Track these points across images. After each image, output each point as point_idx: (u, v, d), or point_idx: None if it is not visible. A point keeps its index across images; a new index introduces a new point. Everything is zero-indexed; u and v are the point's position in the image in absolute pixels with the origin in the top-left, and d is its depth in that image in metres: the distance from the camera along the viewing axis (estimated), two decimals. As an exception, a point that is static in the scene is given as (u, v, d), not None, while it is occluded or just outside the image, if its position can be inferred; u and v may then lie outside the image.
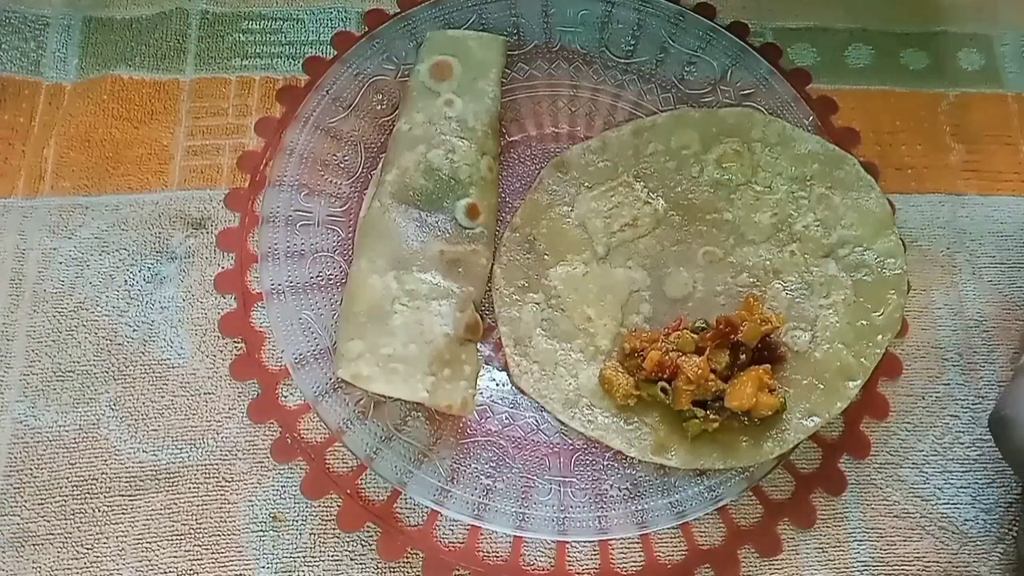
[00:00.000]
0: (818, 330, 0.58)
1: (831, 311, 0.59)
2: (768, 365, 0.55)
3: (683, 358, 0.54)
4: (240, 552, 0.54)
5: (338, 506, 0.55)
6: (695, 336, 0.55)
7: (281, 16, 0.69)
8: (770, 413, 0.54)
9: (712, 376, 0.54)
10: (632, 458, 0.56)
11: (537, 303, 0.60)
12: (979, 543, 0.56)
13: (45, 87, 0.66)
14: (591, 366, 0.58)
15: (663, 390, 0.55)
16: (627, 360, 0.56)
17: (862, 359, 0.57)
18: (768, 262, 0.60)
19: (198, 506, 0.55)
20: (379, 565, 0.54)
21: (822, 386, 0.56)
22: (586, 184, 0.62)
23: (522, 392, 0.57)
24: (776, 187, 0.62)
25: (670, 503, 0.55)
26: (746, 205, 0.62)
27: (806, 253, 0.60)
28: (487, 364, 0.58)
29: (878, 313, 0.58)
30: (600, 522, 0.54)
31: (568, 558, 0.54)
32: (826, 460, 0.57)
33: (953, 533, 0.56)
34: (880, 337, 0.58)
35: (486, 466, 0.55)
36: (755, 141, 0.63)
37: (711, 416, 0.54)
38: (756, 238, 0.61)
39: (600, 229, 0.61)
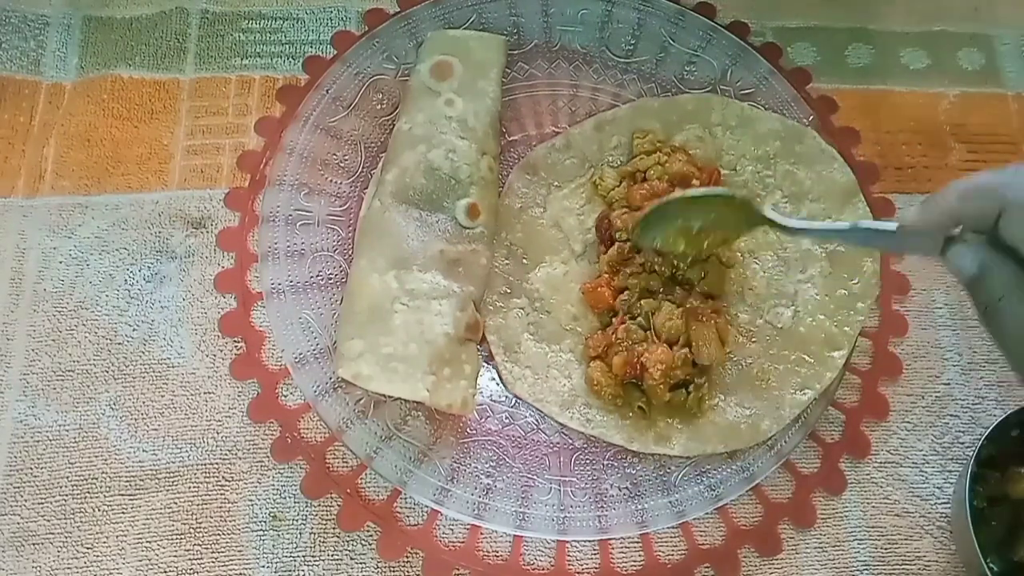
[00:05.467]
0: (799, 304, 0.59)
1: (809, 284, 0.59)
2: (711, 300, 0.56)
3: (646, 356, 0.54)
4: (240, 552, 0.54)
5: (338, 506, 0.55)
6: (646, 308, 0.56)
7: (281, 15, 0.69)
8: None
9: (676, 362, 0.54)
10: (632, 457, 0.56)
11: (522, 308, 0.59)
12: (979, 543, 0.56)
13: (45, 86, 0.66)
14: (583, 365, 0.58)
15: (640, 406, 0.56)
16: (604, 361, 0.57)
17: (845, 327, 0.58)
18: (742, 243, 0.60)
19: (198, 506, 0.55)
20: (379, 565, 0.54)
21: (811, 359, 0.57)
22: (555, 183, 0.62)
23: (519, 398, 0.57)
24: (742, 168, 0.62)
25: (670, 502, 0.55)
26: None
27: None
28: (487, 363, 0.58)
29: (855, 281, 0.59)
30: (600, 521, 0.54)
31: (568, 557, 0.54)
32: (826, 460, 0.57)
33: (953, 532, 0.56)
34: (860, 304, 0.58)
35: (486, 465, 0.55)
36: (716, 125, 0.63)
37: (697, 381, 0.55)
38: None
39: (575, 227, 0.61)
